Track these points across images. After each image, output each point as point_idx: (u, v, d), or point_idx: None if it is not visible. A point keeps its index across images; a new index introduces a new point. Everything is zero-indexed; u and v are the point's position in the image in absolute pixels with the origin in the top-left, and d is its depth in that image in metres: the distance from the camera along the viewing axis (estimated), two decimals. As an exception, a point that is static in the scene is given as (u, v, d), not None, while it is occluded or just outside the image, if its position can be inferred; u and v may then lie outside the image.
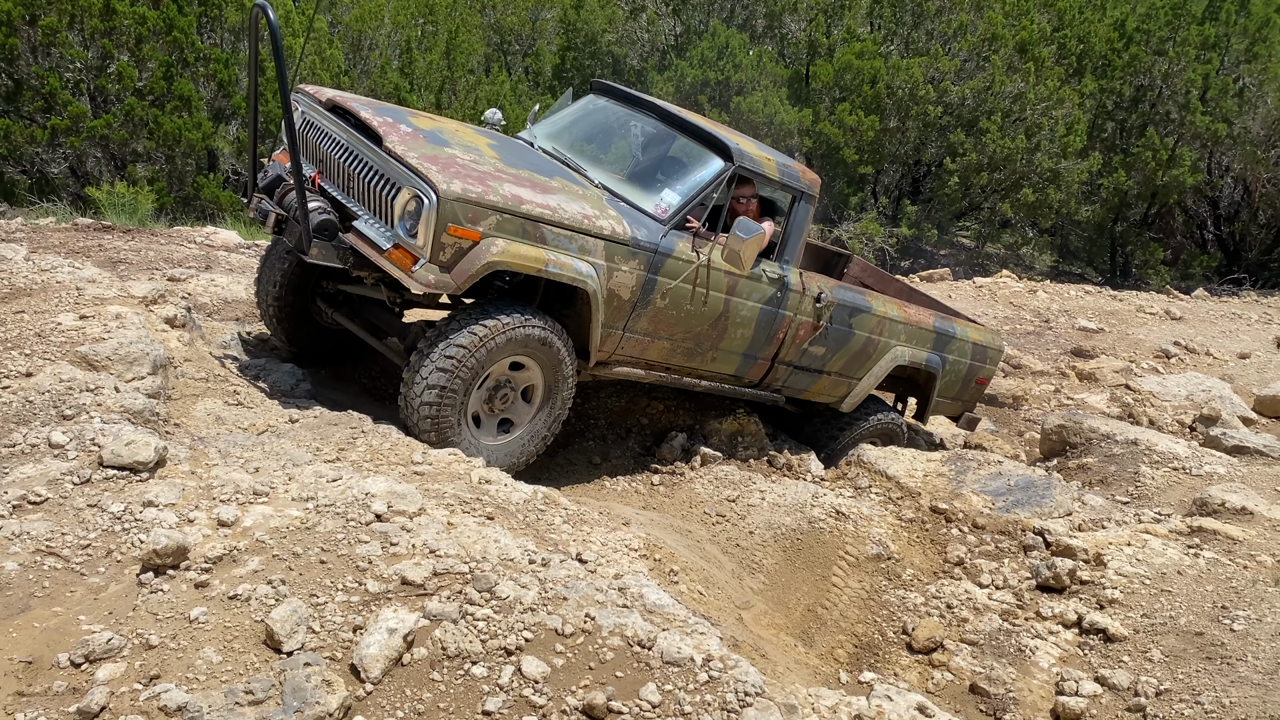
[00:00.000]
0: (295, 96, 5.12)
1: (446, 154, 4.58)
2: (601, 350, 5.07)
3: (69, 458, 3.47)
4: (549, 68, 18.83)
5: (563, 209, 4.66)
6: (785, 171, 5.65)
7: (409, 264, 4.34)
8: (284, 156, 5.04)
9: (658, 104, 5.78)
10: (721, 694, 2.71)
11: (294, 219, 4.55)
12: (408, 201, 4.36)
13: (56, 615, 2.78)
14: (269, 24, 4.12)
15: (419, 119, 5.01)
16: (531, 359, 4.76)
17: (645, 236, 4.98)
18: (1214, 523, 5.37)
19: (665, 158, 5.71)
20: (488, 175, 4.54)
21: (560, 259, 4.58)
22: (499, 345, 4.54)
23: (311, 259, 4.54)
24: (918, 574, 5.04)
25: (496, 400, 4.84)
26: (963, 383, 7.07)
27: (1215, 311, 13.12)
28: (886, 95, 15.51)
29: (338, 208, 4.70)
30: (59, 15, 10.72)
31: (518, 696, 2.63)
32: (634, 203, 5.20)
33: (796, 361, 6.00)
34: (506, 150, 5.13)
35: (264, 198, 4.86)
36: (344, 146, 4.74)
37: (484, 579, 2.99)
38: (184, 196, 11.31)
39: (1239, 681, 3.88)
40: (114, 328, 4.57)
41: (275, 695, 2.50)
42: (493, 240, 4.39)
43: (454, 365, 4.46)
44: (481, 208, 4.35)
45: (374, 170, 4.55)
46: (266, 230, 4.86)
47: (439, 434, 4.54)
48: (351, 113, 4.76)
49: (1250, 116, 16.48)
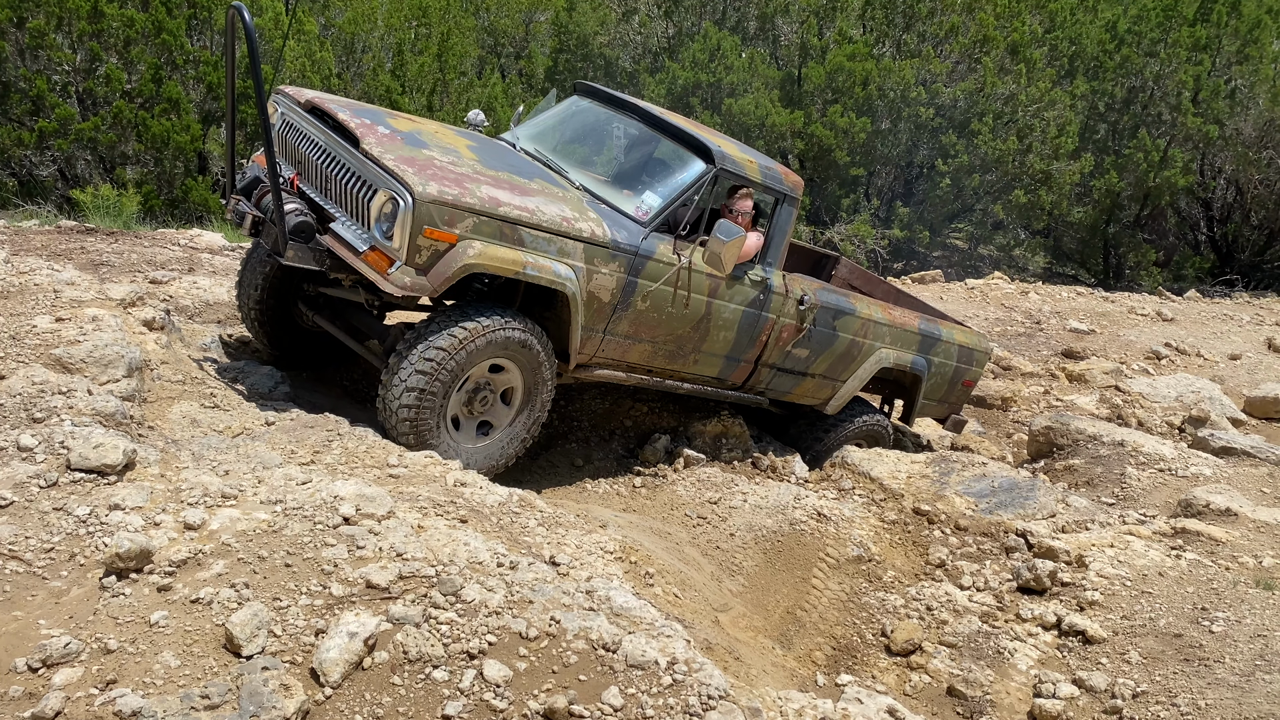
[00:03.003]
0: (275, 98, 5.09)
1: (424, 156, 4.56)
2: (582, 353, 5.05)
3: (37, 461, 3.45)
4: (541, 70, 18.81)
5: (541, 211, 4.63)
6: (768, 174, 5.63)
7: (385, 266, 4.31)
8: (262, 158, 5.02)
9: (640, 106, 5.76)
10: (684, 697, 2.69)
11: (270, 220, 4.52)
12: (384, 204, 4.34)
13: (16, 620, 2.75)
14: (244, 25, 4.10)
15: (398, 120, 4.98)
16: (511, 361, 4.74)
17: (625, 239, 4.96)
18: (1198, 524, 5.35)
19: (647, 160, 5.69)
20: (465, 177, 4.52)
21: (539, 261, 4.56)
22: (478, 348, 4.52)
23: (288, 261, 4.52)
24: (899, 576, 5.02)
25: (476, 403, 4.82)
26: (949, 385, 7.05)
27: (1207, 313, 13.10)
28: (878, 97, 15.50)
29: (315, 210, 4.68)
30: (47, 18, 10.70)
31: (479, 700, 2.60)
32: (615, 204, 5.17)
33: (780, 364, 5.98)
34: (486, 152, 5.10)
35: (241, 199, 4.85)
36: (321, 148, 4.72)
37: (449, 582, 2.97)
38: (173, 199, 11.29)
39: (1216, 683, 3.86)
40: (90, 330, 4.54)
41: (232, 700, 2.48)
42: (470, 243, 4.37)
43: (433, 368, 4.43)
44: (458, 210, 4.33)
45: (350, 172, 4.53)
46: (243, 232, 4.84)
47: (417, 437, 4.52)
48: (330, 114, 4.75)
49: (1242, 118, 16.48)
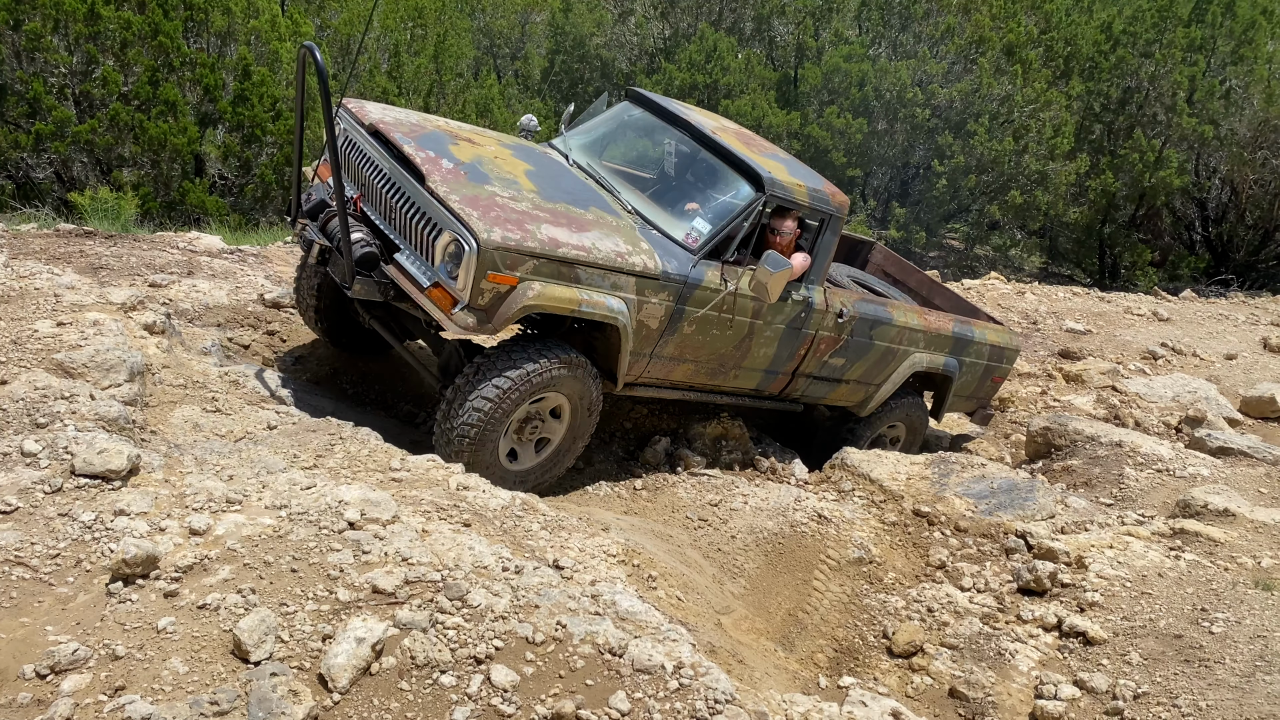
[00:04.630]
0: (337, 113, 5.14)
1: (487, 193, 4.66)
2: (629, 375, 5.23)
3: (41, 466, 3.45)
4: (538, 71, 18.84)
5: (597, 248, 4.75)
6: (815, 196, 5.68)
7: (448, 305, 4.46)
8: (326, 170, 5.17)
9: (691, 121, 5.78)
10: (691, 701, 2.71)
11: (338, 250, 4.66)
12: (448, 244, 4.46)
13: (23, 626, 2.76)
14: (315, 64, 4.19)
15: (459, 148, 5.02)
16: (562, 394, 4.96)
17: (675, 268, 5.08)
18: (1196, 524, 5.37)
19: (697, 180, 5.73)
20: (525, 217, 4.62)
21: (593, 297, 4.71)
22: (537, 385, 4.73)
23: (354, 294, 4.68)
24: (899, 577, 5.04)
25: (526, 430, 5.01)
26: (979, 382, 7.25)
27: (1202, 313, 13.14)
28: (874, 98, 15.54)
29: (377, 234, 4.80)
30: (43, 20, 10.67)
31: (486, 705, 2.61)
32: (665, 231, 5.28)
33: (816, 373, 6.13)
34: (543, 179, 5.17)
35: (308, 224, 4.93)
36: (386, 176, 4.81)
37: (456, 587, 2.98)
38: (170, 201, 11.26)
39: (1216, 684, 3.88)
40: (91, 334, 4.55)
41: (241, 706, 2.49)
42: (529, 284, 4.50)
43: (499, 395, 4.63)
44: (520, 254, 4.45)
45: (416, 208, 4.63)
46: (310, 260, 4.98)
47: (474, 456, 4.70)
48: (394, 144, 4.82)
49: (1237, 118, 16.52)
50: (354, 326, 5.92)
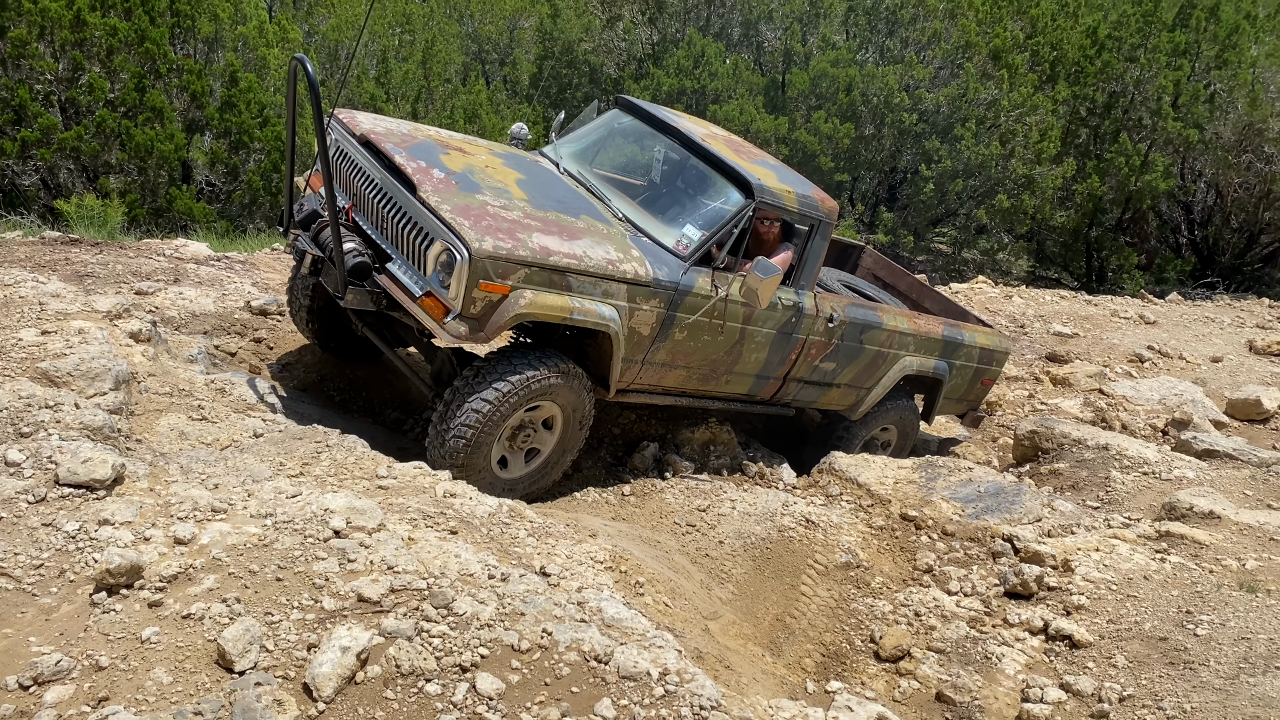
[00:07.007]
0: (328, 124, 5.14)
1: (478, 202, 4.69)
2: (621, 381, 5.26)
3: (25, 476, 3.44)
4: (526, 77, 18.84)
5: (588, 256, 4.78)
6: (804, 202, 5.71)
7: (440, 314, 4.49)
8: (318, 180, 5.20)
9: (680, 128, 5.82)
10: (677, 708, 2.71)
11: (330, 260, 4.69)
12: (440, 253, 4.48)
13: (6, 637, 2.74)
14: (307, 76, 4.20)
15: (450, 157, 5.04)
16: (554, 403, 4.97)
17: (666, 275, 5.10)
18: (1182, 527, 5.40)
19: (687, 187, 5.76)
20: (517, 225, 4.65)
21: (584, 305, 4.73)
22: (534, 391, 4.76)
23: (346, 305, 4.69)
24: (887, 582, 5.05)
25: (519, 438, 5.01)
26: (969, 384, 7.31)
27: (1189, 315, 13.21)
28: (862, 103, 15.58)
29: (370, 244, 4.82)
30: (29, 27, 10.62)
31: (472, 714, 2.61)
32: (656, 238, 5.32)
33: (807, 377, 6.16)
34: (534, 187, 5.19)
35: (300, 235, 4.96)
36: (377, 186, 4.83)
37: (441, 595, 2.98)
38: (156, 208, 11.23)
39: (1201, 686, 3.90)
40: (76, 343, 4.53)
41: (225, 716, 2.48)
42: (521, 292, 4.52)
43: (491, 406, 4.64)
44: (511, 263, 4.47)
45: (408, 218, 4.65)
46: (303, 271, 5.00)
47: (468, 462, 4.70)
48: (385, 154, 4.84)
49: (1221, 122, 16.64)
50: (344, 330, 5.94)
